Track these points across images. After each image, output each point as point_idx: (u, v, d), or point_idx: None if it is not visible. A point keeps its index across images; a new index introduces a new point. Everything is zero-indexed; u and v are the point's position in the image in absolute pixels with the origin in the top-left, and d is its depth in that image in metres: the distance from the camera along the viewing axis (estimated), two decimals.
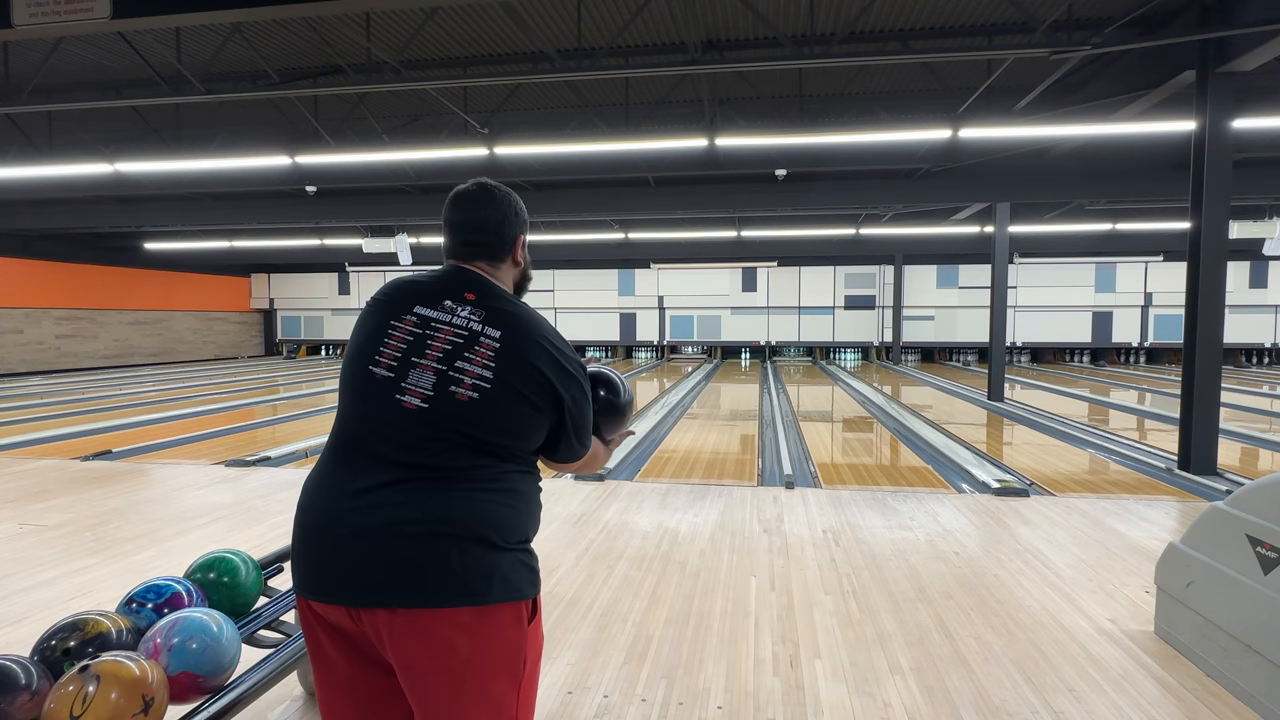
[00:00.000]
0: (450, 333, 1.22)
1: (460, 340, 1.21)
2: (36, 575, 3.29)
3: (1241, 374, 14.78)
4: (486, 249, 1.33)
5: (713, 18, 6.09)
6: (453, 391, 1.18)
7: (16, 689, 1.33)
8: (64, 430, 7.48)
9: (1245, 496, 2.39)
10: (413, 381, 1.19)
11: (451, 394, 1.18)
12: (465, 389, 1.18)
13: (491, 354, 1.20)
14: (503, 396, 1.19)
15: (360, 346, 1.25)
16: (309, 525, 1.19)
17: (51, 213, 12.22)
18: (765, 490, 4.92)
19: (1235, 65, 5.08)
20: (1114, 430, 7.67)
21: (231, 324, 20.17)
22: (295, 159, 7.63)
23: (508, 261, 1.36)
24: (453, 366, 1.19)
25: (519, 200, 1.39)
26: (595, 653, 2.54)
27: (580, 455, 1.36)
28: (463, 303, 1.25)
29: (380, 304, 1.28)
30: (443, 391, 1.18)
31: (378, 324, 1.25)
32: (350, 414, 1.25)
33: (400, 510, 1.13)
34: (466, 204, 1.34)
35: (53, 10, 4.69)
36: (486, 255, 1.33)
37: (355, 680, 1.20)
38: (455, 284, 1.28)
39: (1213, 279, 5.26)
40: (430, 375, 1.19)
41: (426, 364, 1.20)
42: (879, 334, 18.35)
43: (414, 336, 1.22)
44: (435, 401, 1.18)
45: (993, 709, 2.17)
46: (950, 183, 9.79)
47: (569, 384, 1.26)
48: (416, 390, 1.19)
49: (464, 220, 1.33)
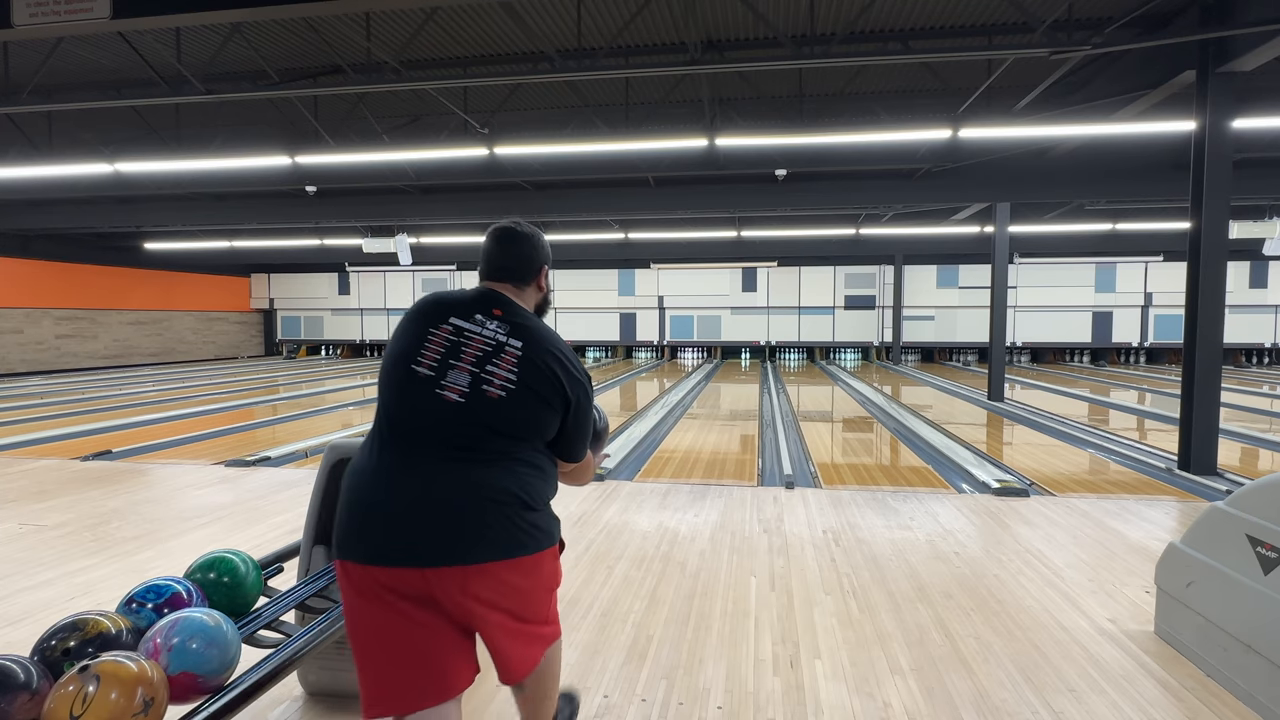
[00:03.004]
0: (481, 342, 1.48)
1: (489, 348, 1.47)
2: (36, 575, 3.29)
3: (1241, 374, 14.79)
4: (512, 275, 1.62)
5: (713, 18, 6.09)
6: (485, 390, 1.44)
7: (16, 689, 1.33)
8: (64, 430, 7.48)
9: (1245, 496, 2.39)
10: (451, 379, 1.44)
11: (484, 392, 1.43)
12: (495, 389, 1.44)
13: (515, 361, 1.47)
14: (524, 396, 1.46)
15: (403, 349, 1.49)
16: (370, 502, 1.40)
17: (51, 213, 12.21)
18: (765, 490, 4.92)
19: (1235, 65, 5.08)
20: (1114, 430, 7.67)
21: (231, 324, 20.17)
22: (295, 159, 7.63)
23: (532, 286, 1.66)
24: (484, 370, 1.45)
25: (544, 239, 1.69)
26: (595, 653, 2.54)
27: (581, 452, 1.63)
28: (491, 317, 1.52)
29: (420, 314, 1.53)
30: (477, 390, 1.44)
31: (419, 331, 1.50)
32: (396, 406, 1.47)
33: (453, 485, 1.39)
34: (499, 238, 1.64)
35: (53, 10, 4.69)
36: (512, 280, 1.62)
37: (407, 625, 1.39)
38: (486, 302, 1.55)
39: (1213, 279, 5.26)
40: (466, 375, 1.44)
41: (463, 366, 1.45)
42: (879, 334, 18.35)
43: (450, 343, 1.47)
44: (471, 398, 1.43)
45: (993, 709, 2.17)
46: (950, 183, 9.79)
47: (575, 387, 1.53)
48: (454, 387, 1.43)
49: (497, 251, 1.63)
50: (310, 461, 5.88)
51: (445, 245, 17.02)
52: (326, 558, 2.22)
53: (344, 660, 2.20)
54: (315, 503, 2.26)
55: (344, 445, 2.34)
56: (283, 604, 1.96)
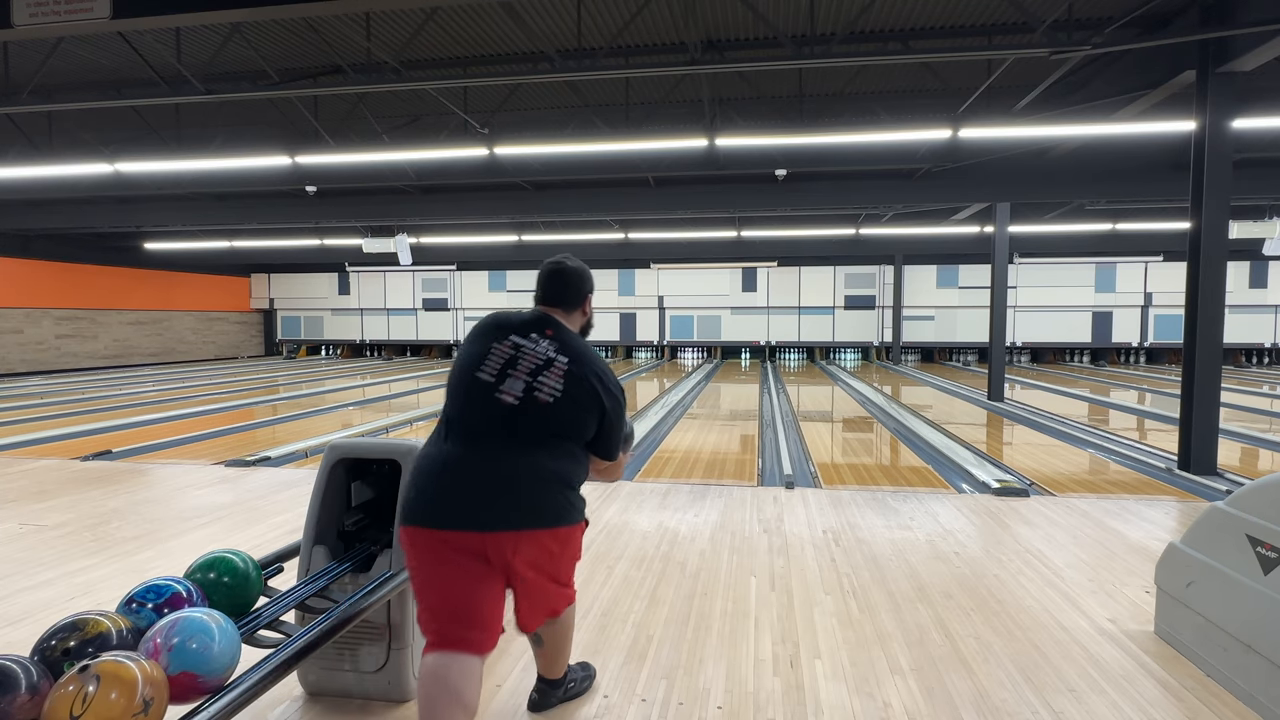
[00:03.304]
0: (534, 357, 1.81)
1: (541, 362, 1.80)
2: (36, 575, 3.29)
3: (1241, 374, 14.79)
4: (562, 301, 1.96)
5: (713, 18, 6.09)
6: (536, 395, 1.77)
7: (16, 689, 1.33)
8: (64, 430, 7.48)
9: (1245, 496, 2.39)
10: (508, 386, 1.77)
11: (535, 398, 1.77)
12: (544, 395, 1.77)
13: (561, 374, 1.80)
14: (567, 404, 1.78)
15: (470, 359, 1.83)
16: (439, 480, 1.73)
17: (51, 213, 12.20)
18: (765, 490, 4.92)
19: (1235, 65, 5.08)
20: (1114, 430, 7.67)
21: (231, 324, 20.17)
22: (295, 159, 7.63)
23: (578, 312, 2.00)
24: (536, 379, 1.78)
25: (589, 272, 2.04)
26: (595, 653, 2.54)
27: (615, 453, 1.96)
28: (544, 336, 1.85)
29: (484, 332, 1.87)
30: (529, 395, 1.77)
31: (483, 345, 1.84)
32: (462, 405, 1.81)
33: (511, 467, 1.73)
34: (552, 273, 1.98)
35: (53, 10, 4.69)
36: (562, 305, 1.96)
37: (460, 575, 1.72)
38: (540, 324, 1.89)
39: (1213, 279, 5.26)
40: (521, 383, 1.78)
41: (518, 375, 1.79)
42: (879, 334, 18.36)
43: (509, 356, 1.81)
44: (524, 401, 1.77)
45: (993, 709, 2.17)
46: (950, 183, 9.79)
47: (609, 399, 1.85)
48: (510, 392, 1.77)
49: (549, 282, 1.97)
50: (310, 461, 5.88)
51: (445, 245, 17.03)
52: (326, 558, 2.22)
53: (344, 660, 2.21)
54: (315, 503, 2.26)
55: (344, 445, 2.34)
56: (283, 604, 1.96)
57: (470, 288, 19.60)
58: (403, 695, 2.20)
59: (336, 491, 2.31)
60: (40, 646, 1.49)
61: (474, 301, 19.60)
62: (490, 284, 19.47)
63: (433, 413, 8.91)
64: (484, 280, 19.50)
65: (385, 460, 2.35)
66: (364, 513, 2.40)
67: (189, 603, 1.71)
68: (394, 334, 20.23)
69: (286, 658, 1.65)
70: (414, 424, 8.14)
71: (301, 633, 1.76)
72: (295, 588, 2.06)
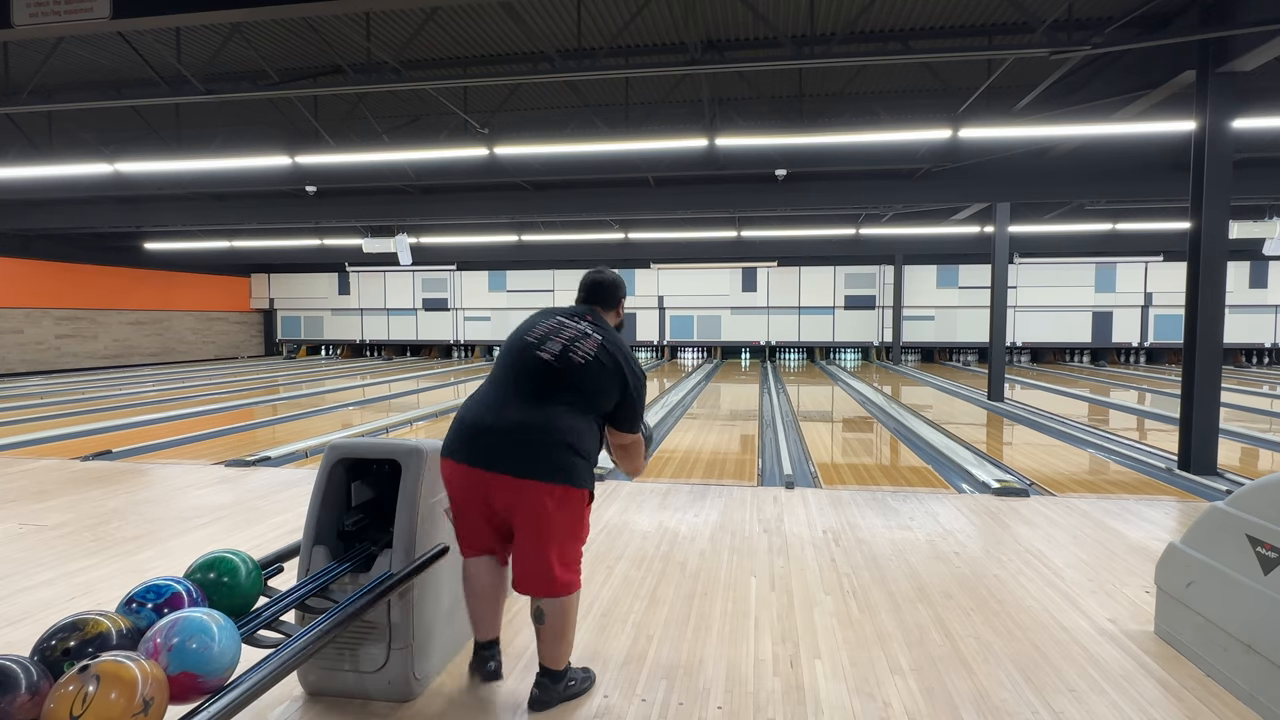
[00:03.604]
0: (574, 330, 2.19)
1: (578, 334, 2.18)
2: (36, 575, 3.30)
3: (1241, 374, 14.78)
4: (601, 301, 2.39)
5: (713, 18, 6.09)
6: (571, 357, 2.12)
7: (16, 689, 1.32)
8: (64, 430, 7.48)
9: (1245, 496, 2.39)
10: (548, 348, 2.14)
11: (570, 358, 2.12)
12: (578, 357, 2.12)
13: (595, 346, 2.16)
14: (596, 368, 2.13)
15: (521, 329, 2.25)
16: (473, 422, 2.12)
17: (51, 213, 12.20)
18: (765, 490, 4.92)
19: (1235, 65, 5.08)
20: (1114, 430, 7.67)
21: (231, 324, 20.17)
22: (295, 159, 7.62)
23: (612, 311, 2.42)
24: (572, 344, 2.14)
25: (624, 281, 2.48)
26: (595, 653, 2.54)
27: (636, 427, 2.26)
28: (583, 320, 2.25)
29: (536, 315, 2.30)
30: (565, 355, 2.12)
31: (534, 320, 2.26)
32: (508, 363, 2.19)
33: (529, 420, 2.06)
34: (593, 279, 2.41)
35: (53, 10, 4.69)
36: (601, 304, 2.39)
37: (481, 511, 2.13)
38: (581, 312, 2.30)
39: (1213, 279, 5.26)
40: (559, 345, 2.14)
41: (559, 340, 2.15)
42: (879, 334, 18.35)
43: (553, 328, 2.20)
44: (559, 359, 2.12)
45: (993, 709, 2.17)
46: (950, 183, 9.78)
47: (633, 376, 2.19)
48: (548, 352, 2.13)
49: (590, 286, 2.40)
50: (310, 461, 5.88)
51: (445, 245, 17.02)
52: (326, 558, 2.22)
53: (344, 660, 2.21)
54: (315, 503, 2.26)
55: (344, 445, 2.34)
56: (283, 604, 1.96)
57: (470, 288, 19.59)
58: (403, 695, 2.20)
59: (336, 491, 2.31)
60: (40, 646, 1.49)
61: (474, 301, 19.60)
62: (490, 284, 19.46)
63: (433, 413, 8.91)
64: (484, 280, 19.49)
65: (385, 460, 2.35)
66: (364, 513, 2.40)
67: (189, 603, 1.71)
68: (394, 334, 20.23)
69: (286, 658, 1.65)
70: (414, 424, 8.14)
71: (301, 633, 1.76)
72: (295, 588, 2.06)
